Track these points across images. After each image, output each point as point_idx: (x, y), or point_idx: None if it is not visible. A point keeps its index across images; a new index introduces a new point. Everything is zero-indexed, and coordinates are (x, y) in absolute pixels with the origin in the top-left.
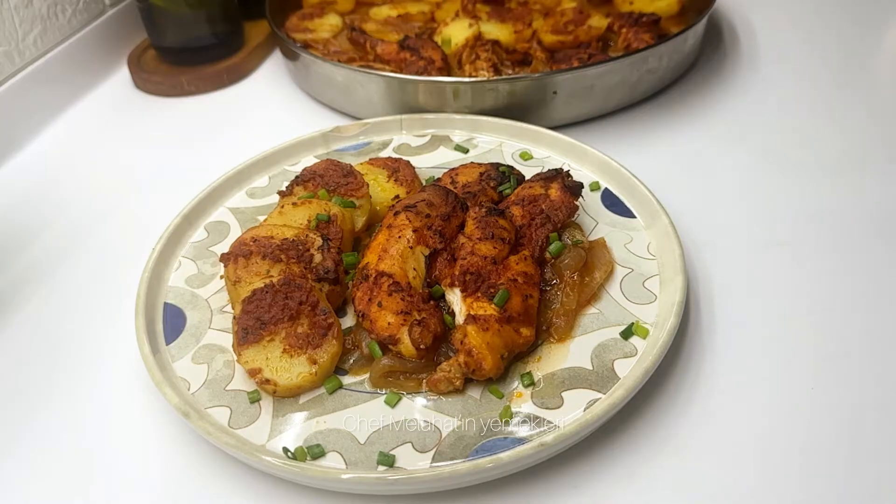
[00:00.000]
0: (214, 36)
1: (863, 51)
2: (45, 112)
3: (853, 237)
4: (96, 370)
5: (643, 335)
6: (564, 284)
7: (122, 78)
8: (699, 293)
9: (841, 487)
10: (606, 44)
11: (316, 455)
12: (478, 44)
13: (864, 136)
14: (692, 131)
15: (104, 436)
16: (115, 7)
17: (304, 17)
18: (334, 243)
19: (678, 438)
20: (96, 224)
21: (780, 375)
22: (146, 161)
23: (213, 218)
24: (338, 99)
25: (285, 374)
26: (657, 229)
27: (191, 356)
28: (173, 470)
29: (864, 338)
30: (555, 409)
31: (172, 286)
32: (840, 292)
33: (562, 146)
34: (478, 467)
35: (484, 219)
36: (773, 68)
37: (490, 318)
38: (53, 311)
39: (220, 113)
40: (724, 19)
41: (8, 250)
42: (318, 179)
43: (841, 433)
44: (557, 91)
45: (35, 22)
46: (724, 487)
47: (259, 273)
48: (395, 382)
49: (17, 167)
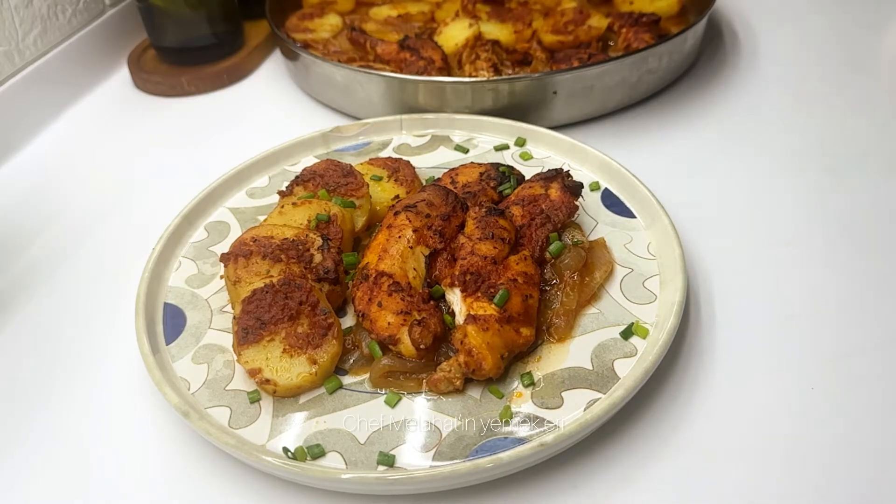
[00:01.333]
0: (214, 36)
1: (863, 51)
2: (45, 112)
3: (853, 237)
4: (96, 370)
5: (643, 335)
6: (564, 284)
7: (122, 78)
8: (699, 293)
9: (841, 487)
10: (606, 44)
11: (316, 455)
12: (478, 44)
13: (865, 136)
14: (692, 131)
15: (104, 436)
16: (115, 7)
17: (304, 17)
18: (334, 243)
19: (678, 438)
20: (96, 224)
21: (780, 375)
22: (146, 161)
23: (213, 218)
24: (338, 99)
25: (285, 374)
26: (657, 229)
27: (191, 356)
28: (173, 470)
29: (865, 338)
30: (555, 409)
31: (172, 286)
32: (840, 292)
33: (562, 146)
34: (478, 467)
35: (484, 219)
36: (773, 68)
37: (490, 318)
38: (53, 311)
39: (220, 113)
40: (724, 19)
41: (8, 250)
42: (318, 179)
43: (841, 433)
44: (557, 91)
45: (35, 22)
46: (725, 487)
47: (259, 273)
48: (395, 382)
49: (17, 167)
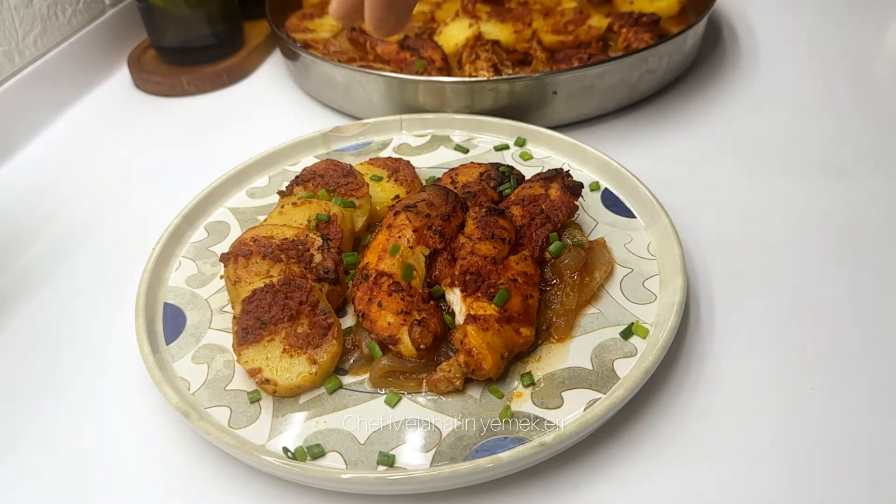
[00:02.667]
0: (214, 36)
1: (863, 51)
2: (45, 112)
3: (854, 237)
4: (96, 370)
5: (643, 335)
6: (564, 284)
7: (122, 78)
8: (699, 293)
9: (841, 487)
10: (606, 44)
11: (316, 455)
12: (478, 44)
13: (865, 136)
14: (692, 131)
15: (104, 436)
16: (115, 7)
17: (304, 17)
18: (334, 243)
19: (678, 438)
20: (96, 224)
21: (780, 375)
22: (146, 161)
23: (213, 218)
24: (338, 99)
25: (285, 374)
26: (657, 229)
27: (191, 356)
28: (173, 470)
29: (865, 338)
30: (555, 409)
31: (172, 286)
32: (840, 292)
33: (562, 146)
34: (478, 467)
35: (484, 219)
36: (773, 68)
37: (490, 318)
38: (53, 311)
39: (220, 113)
40: (724, 19)
41: (8, 250)
42: (318, 179)
43: (841, 433)
44: (557, 91)
45: (35, 22)
46: (725, 488)
47: (259, 273)
48: (395, 382)
49: (17, 167)
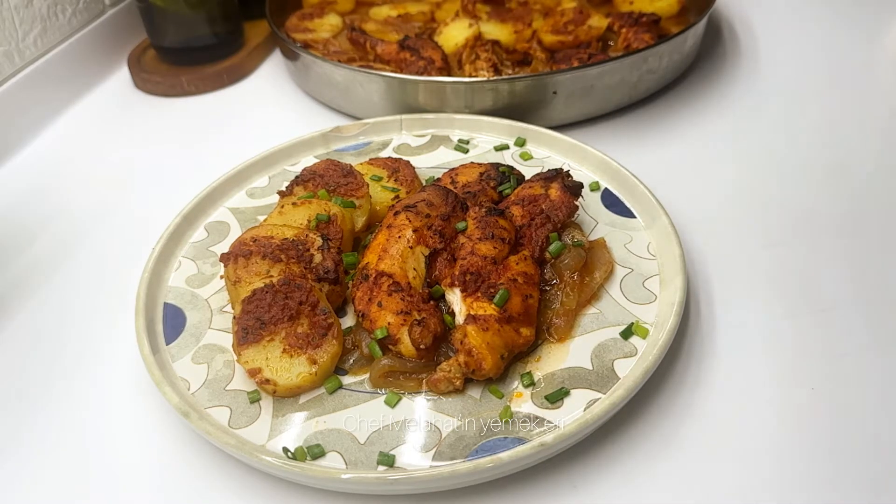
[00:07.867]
0: (214, 36)
1: (862, 51)
2: (45, 112)
3: (854, 237)
4: (96, 370)
5: (643, 335)
6: (564, 284)
7: (122, 78)
8: (699, 293)
9: (841, 487)
10: (606, 44)
11: (316, 455)
12: (478, 44)
13: (865, 137)
14: (692, 131)
15: (104, 436)
16: (115, 7)
17: (304, 17)
18: (334, 243)
19: (678, 438)
20: (96, 224)
21: (780, 375)
22: (146, 161)
23: (213, 218)
24: (338, 99)
25: (285, 374)
26: (657, 229)
27: (191, 356)
28: (173, 470)
29: (865, 338)
30: (555, 409)
31: (172, 286)
32: (840, 292)
33: (562, 146)
34: (478, 467)
35: (484, 219)
36: (773, 68)
37: (490, 318)
38: (53, 311)
39: (220, 113)
40: (724, 19)
41: (8, 250)
42: (318, 179)
43: (841, 433)
44: (557, 91)
45: (35, 22)
46: (725, 488)
47: (259, 273)
48: (395, 382)
49: (17, 167)
